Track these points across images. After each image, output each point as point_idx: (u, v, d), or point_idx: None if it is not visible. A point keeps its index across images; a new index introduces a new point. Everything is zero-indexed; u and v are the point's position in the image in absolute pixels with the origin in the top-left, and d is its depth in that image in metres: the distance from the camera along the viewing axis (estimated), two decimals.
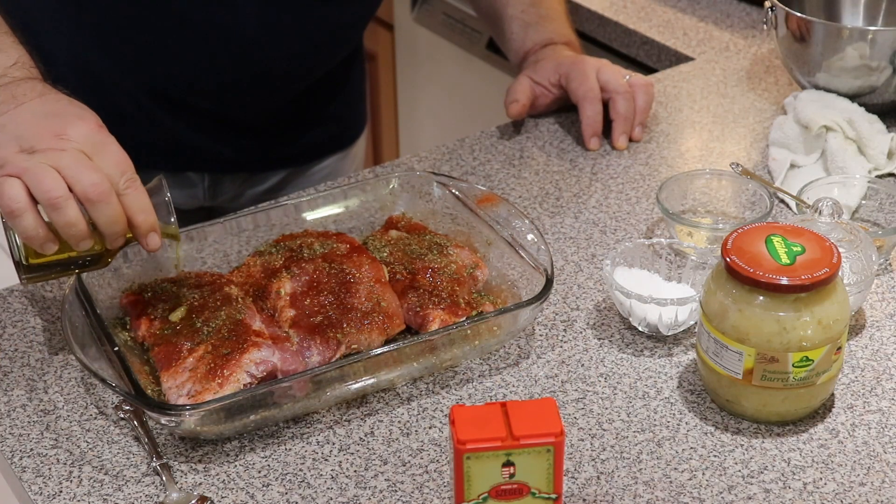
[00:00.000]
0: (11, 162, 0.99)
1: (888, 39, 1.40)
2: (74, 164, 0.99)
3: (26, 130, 1.01)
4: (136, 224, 1.02)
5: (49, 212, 0.98)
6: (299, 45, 1.37)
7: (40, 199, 0.98)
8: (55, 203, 0.98)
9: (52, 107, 1.04)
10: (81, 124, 1.02)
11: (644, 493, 0.97)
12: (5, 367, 1.10)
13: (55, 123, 1.02)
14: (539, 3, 1.52)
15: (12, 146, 1.00)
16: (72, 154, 0.99)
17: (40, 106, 1.04)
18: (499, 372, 1.09)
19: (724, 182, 1.31)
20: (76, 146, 1.00)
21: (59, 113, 1.03)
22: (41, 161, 0.99)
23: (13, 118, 1.02)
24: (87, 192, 0.98)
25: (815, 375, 1.00)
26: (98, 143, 1.01)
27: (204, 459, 1.00)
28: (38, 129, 1.01)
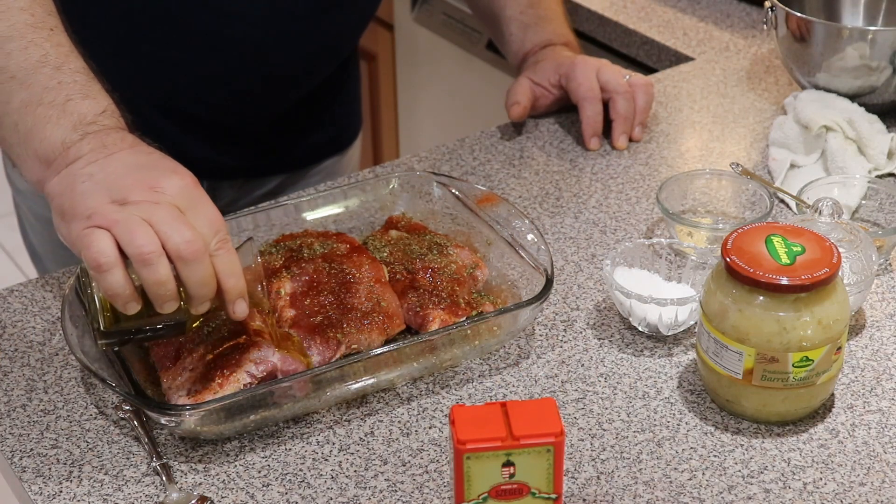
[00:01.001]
0: (101, 213, 0.93)
1: (888, 39, 1.40)
2: (168, 219, 0.93)
3: (118, 181, 0.95)
4: (226, 288, 0.96)
5: (139, 268, 0.92)
6: (303, 51, 1.37)
7: (131, 253, 0.92)
8: (148, 259, 0.91)
9: (144, 159, 0.98)
10: (176, 178, 0.96)
11: (644, 493, 0.97)
12: (5, 367, 1.10)
13: (149, 176, 0.96)
14: (537, 4, 1.52)
15: (102, 196, 0.94)
16: (165, 208, 0.93)
17: (132, 157, 0.98)
18: (499, 372, 1.09)
19: (724, 182, 1.31)
20: (170, 200, 0.94)
21: (152, 166, 0.98)
22: (133, 213, 0.93)
23: (103, 168, 0.96)
24: (179, 249, 0.92)
25: (815, 375, 1.00)
26: (192, 198, 0.96)
27: (204, 459, 1.00)
28: (131, 181, 0.95)
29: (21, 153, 1.00)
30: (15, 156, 1.01)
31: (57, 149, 0.98)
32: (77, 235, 0.94)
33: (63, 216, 0.96)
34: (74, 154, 0.97)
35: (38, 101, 0.99)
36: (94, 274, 0.93)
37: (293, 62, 1.38)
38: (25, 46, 1.01)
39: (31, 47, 1.01)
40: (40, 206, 1.46)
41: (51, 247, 1.49)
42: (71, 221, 0.95)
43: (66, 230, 0.96)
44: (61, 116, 0.99)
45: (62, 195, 0.96)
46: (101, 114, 1.01)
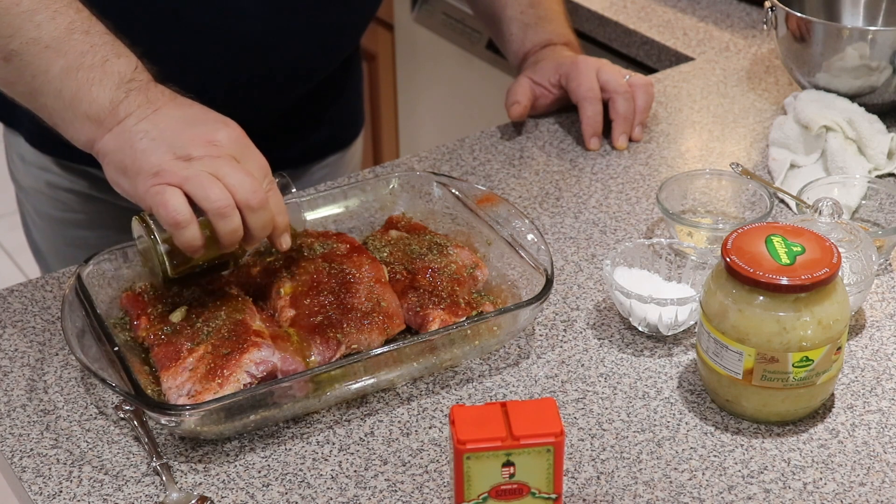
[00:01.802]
0: (170, 170, 1.00)
1: (888, 39, 1.40)
2: (233, 172, 1.00)
3: (176, 137, 1.02)
4: (275, 224, 1.04)
5: (216, 220, 1.00)
6: (305, 47, 1.37)
7: (207, 207, 0.99)
8: (224, 212, 0.99)
9: (191, 112, 1.05)
10: (228, 130, 1.03)
11: (644, 493, 0.97)
12: (5, 367, 1.10)
13: (204, 130, 1.03)
14: (538, 4, 1.52)
15: (166, 153, 1.01)
16: (227, 161, 1.01)
17: (179, 111, 1.05)
18: (499, 372, 1.09)
19: (724, 182, 1.31)
20: (227, 152, 1.01)
21: (202, 119, 1.04)
22: (201, 169, 0.99)
23: (155, 123, 1.03)
24: (249, 200, 1.00)
25: (815, 375, 1.00)
26: (244, 147, 1.03)
27: (204, 459, 1.00)
28: (189, 136, 1.02)
29: (67, 117, 1.05)
30: (60, 120, 1.06)
31: (105, 108, 1.03)
32: (145, 191, 1.00)
33: (125, 172, 1.02)
34: (124, 111, 1.03)
35: (78, 65, 1.04)
36: (172, 230, 1.00)
37: (295, 59, 1.38)
38: (52, 16, 1.05)
39: (58, 16, 1.05)
40: (44, 203, 1.46)
41: (54, 244, 1.49)
42: (136, 177, 1.01)
43: (130, 185, 1.02)
44: (103, 77, 1.04)
45: (120, 151, 1.02)
46: (136, 70, 1.06)
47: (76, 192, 1.43)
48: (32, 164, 1.44)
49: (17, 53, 1.04)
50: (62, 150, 1.41)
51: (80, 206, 1.44)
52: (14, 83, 1.07)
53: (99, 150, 1.04)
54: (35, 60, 1.04)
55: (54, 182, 1.43)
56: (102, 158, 1.04)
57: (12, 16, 1.04)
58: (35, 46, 1.04)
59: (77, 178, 1.43)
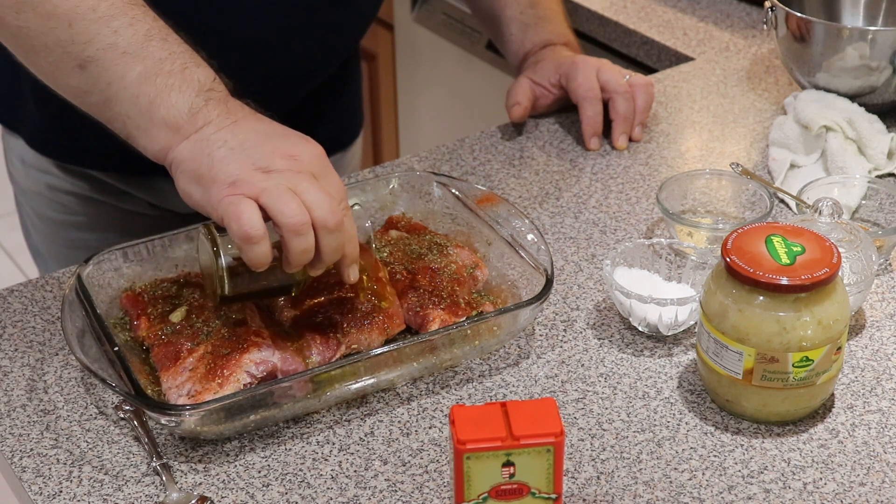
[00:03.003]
0: (247, 180, 0.96)
1: (888, 39, 1.40)
2: (312, 189, 0.96)
3: (257, 148, 0.98)
4: (345, 253, 1.00)
5: (290, 237, 0.95)
6: (306, 48, 1.37)
7: (282, 223, 0.95)
8: (300, 230, 0.95)
9: (270, 127, 1.02)
10: (310, 146, 1.00)
11: (644, 493, 0.97)
12: (5, 367, 1.10)
13: (285, 144, 0.99)
14: (537, 5, 1.52)
15: (245, 163, 0.97)
16: (307, 177, 0.97)
17: (259, 125, 1.01)
18: (499, 372, 1.09)
19: (724, 182, 1.31)
20: (307, 168, 0.98)
21: (283, 134, 1.01)
22: (280, 182, 0.96)
23: (235, 134, 0.99)
24: (326, 219, 0.96)
25: (815, 375, 1.00)
26: (324, 166, 1.00)
27: (204, 459, 1.00)
28: (270, 148, 0.98)
29: (143, 124, 1.01)
30: (134, 127, 1.02)
31: (184, 114, 1.00)
32: (219, 200, 0.96)
33: (199, 180, 0.98)
34: (203, 120, 1.00)
35: (157, 71, 1.01)
36: (241, 244, 0.95)
37: (295, 59, 1.38)
38: (130, 23, 1.03)
39: (136, 23, 1.03)
40: (43, 205, 1.46)
41: (54, 246, 1.49)
42: (210, 186, 0.97)
43: (203, 194, 0.98)
44: (182, 84, 1.01)
45: (196, 159, 0.98)
46: (214, 80, 1.04)
47: (76, 195, 1.43)
48: (32, 166, 1.44)
49: (93, 60, 1.01)
50: (62, 153, 1.41)
51: (81, 208, 1.44)
52: (88, 92, 1.03)
53: (173, 159, 1.00)
54: (112, 66, 1.01)
55: (54, 184, 1.43)
56: (176, 167, 1.00)
57: (89, 21, 1.01)
58: (112, 52, 1.01)
59: (77, 181, 1.42)
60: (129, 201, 1.44)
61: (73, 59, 1.02)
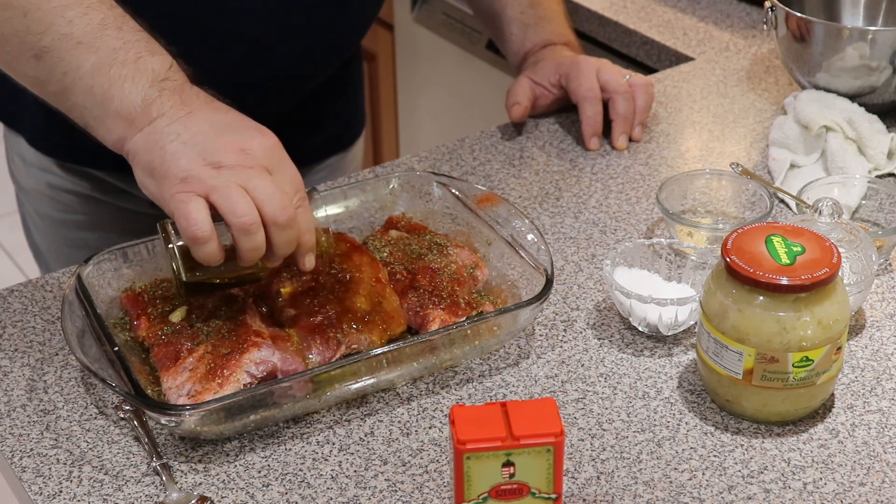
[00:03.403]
0: (198, 177, 0.96)
1: (888, 39, 1.40)
2: (263, 185, 0.96)
3: (208, 142, 0.97)
4: (300, 243, 1.00)
5: (239, 235, 0.95)
6: (308, 46, 1.37)
7: (232, 222, 0.95)
8: (249, 229, 0.95)
9: (225, 118, 1.01)
10: (263, 139, 0.99)
11: (644, 493, 0.97)
12: (5, 367, 1.10)
13: (237, 137, 0.99)
14: (538, 4, 1.52)
15: (195, 158, 0.96)
16: (258, 173, 0.96)
17: (214, 115, 1.01)
18: (499, 372, 1.09)
19: (724, 182, 1.31)
20: (259, 162, 0.97)
21: (237, 126, 1.00)
22: (230, 179, 0.95)
23: (188, 127, 0.99)
24: (276, 216, 0.96)
25: (815, 375, 1.00)
26: (278, 159, 0.99)
27: (204, 459, 1.00)
28: (222, 143, 0.98)
29: (99, 114, 1.01)
30: (91, 118, 1.02)
31: (138, 106, 1.00)
32: (170, 196, 0.96)
33: (152, 174, 0.98)
34: (157, 111, 1.00)
35: (111, 61, 1.01)
36: (190, 243, 0.96)
37: (297, 59, 1.38)
38: (85, 12, 1.02)
39: (91, 12, 1.03)
40: (44, 204, 1.46)
41: (55, 245, 1.49)
42: (162, 180, 0.97)
43: (156, 188, 0.98)
44: (136, 74, 1.01)
45: (149, 152, 0.98)
46: (170, 69, 1.03)
47: (77, 194, 1.43)
48: (33, 165, 1.44)
49: (48, 50, 1.01)
50: (63, 152, 1.41)
51: (81, 207, 1.44)
52: (45, 82, 1.03)
53: (129, 150, 1.01)
54: (66, 57, 1.01)
55: (55, 183, 1.43)
56: (132, 158, 1.01)
57: (44, 11, 1.01)
58: (67, 42, 1.01)
59: (78, 180, 1.42)
60: (130, 200, 1.44)
61: (29, 49, 1.02)
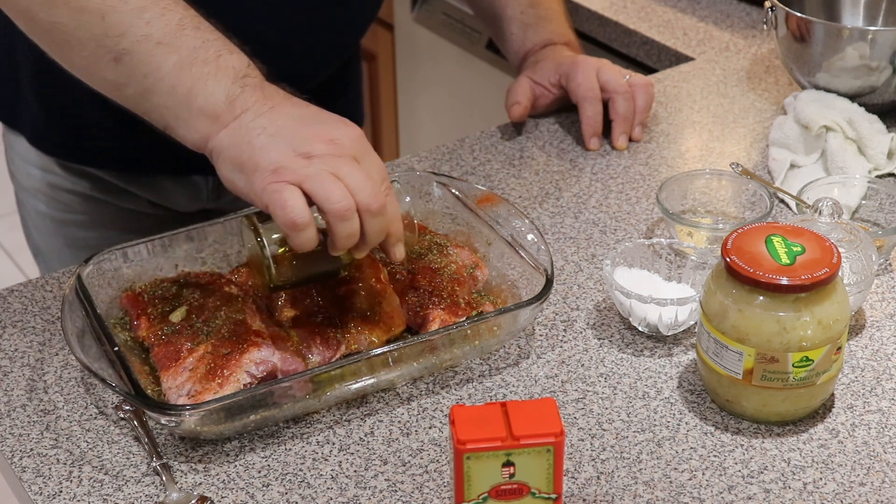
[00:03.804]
0: (290, 167, 0.96)
1: (888, 39, 1.40)
2: (354, 173, 0.96)
3: (296, 134, 0.98)
4: (390, 233, 1.00)
5: (335, 222, 0.96)
6: (308, 46, 1.37)
7: (328, 208, 0.95)
8: (345, 215, 0.95)
9: (307, 111, 1.02)
10: (348, 129, 1.00)
11: (644, 493, 0.97)
12: (5, 367, 1.10)
13: (324, 128, 0.99)
14: (538, 4, 1.52)
15: (286, 150, 0.97)
16: (347, 161, 0.97)
17: (296, 109, 1.02)
18: (499, 372, 1.09)
19: (724, 182, 1.31)
20: (349, 152, 0.98)
21: (320, 118, 1.01)
22: (322, 168, 0.96)
23: (273, 121, 0.99)
24: (369, 203, 0.96)
25: (815, 375, 1.00)
26: (364, 148, 1.00)
27: (204, 459, 1.00)
28: (309, 133, 0.98)
29: (181, 114, 1.02)
30: (172, 118, 1.02)
31: (222, 103, 1.00)
32: (262, 188, 0.96)
33: (241, 168, 0.98)
34: (241, 107, 1.00)
35: (192, 60, 1.01)
36: (288, 231, 0.96)
37: (296, 59, 1.38)
38: (162, 13, 1.03)
39: (168, 13, 1.03)
40: (44, 204, 1.46)
41: (55, 245, 1.49)
42: (252, 174, 0.97)
43: (246, 182, 0.98)
44: (218, 71, 1.01)
45: (237, 147, 0.99)
46: (248, 66, 1.03)
47: (77, 193, 1.43)
48: (33, 164, 1.44)
49: (128, 52, 1.01)
50: (63, 151, 1.41)
51: (81, 206, 1.44)
52: (125, 85, 1.03)
53: (213, 148, 1.01)
54: (147, 58, 1.01)
55: (55, 183, 1.43)
56: (217, 156, 1.01)
57: (121, 14, 1.01)
58: (147, 44, 1.01)
59: (78, 179, 1.42)
60: (130, 200, 1.44)
61: (107, 53, 1.02)
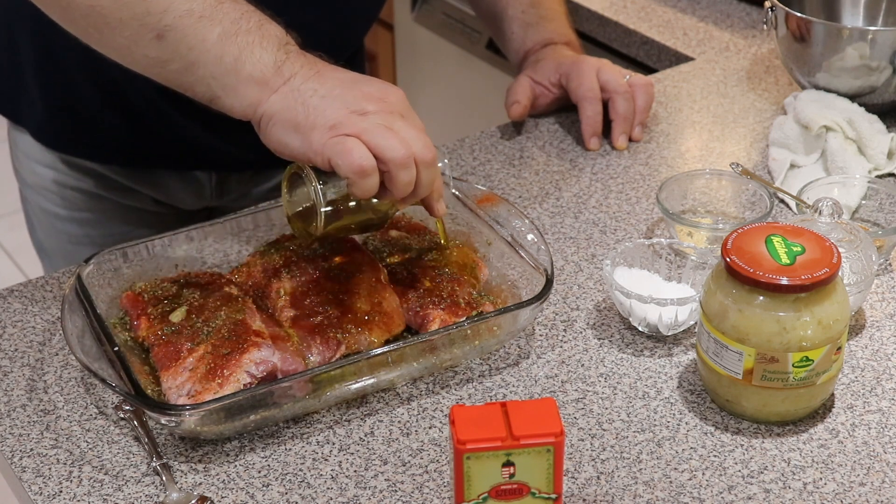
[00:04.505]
0: (346, 123, 1.01)
1: (888, 39, 1.40)
2: (406, 128, 1.02)
3: (347, 93, 1.03)
4: (435, 187, 1.06)
5: (397, 170, 1.01)
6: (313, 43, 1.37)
7: (388, 157, 1.00)
8: (406, 163, 1.01)
9: (351, 74, 1.07)
10: (393, 90, 1.05)
11: (644, 493, 0.97)
12: (5, 367, 1.10)
13: (372, 88, 1.05)
14: (539, 4, 1.52)
15: (340, 108, 1.02)
16: (398, 117, 1.03)
17: (341, 73, 1.06)
18: (499, 372, 1.09)
19: (724, 182, 1.31)
20: (398, 109, 1.03)
21: (366, 80, 1.06)
22: (378, 122, 1.01)
23: (322, 83, 1.04)
24: (423, 155, 1.02)
25: (815, 375, 1.00)
26: (407, 107, 1.05)
27: (204, 459, 1.00)
28: (361, 93, 1.04)
29: (229, 82, 1.05)
30: (220, 87, 1.05)
31: (270, 69, 1.04)
32: (323, 144, 1.01)
33: (297, 128, 1.03)
34: (289, 71, 1.05)
35: (236, 31, 1.04)
36: (355, 177, 1.00)
37: None
38: None
39: None
40: (48, 201, 1.46)
41: (58, 242, 1.49)
42: (310, 132, 1.02)
43: (303, 142, 1.03)
44: (263, 40, 1.05)
45: (292, 109, 1.03)
46: (287, 34, 1.07)
47: (81, 191, 1.43)
48: (38, 161, 1.44)
49: (171, 28, 1.03)
50: (66, 146, 1.41)
51: (85, 204, 1.45)
52: (168, 61, 1.05)
53: (265, 112, 1.04)
54: (192, 32, 1.04)
55: (59, 180, 1.43)
56: (268, 120, 1.04)
57: None
58: (189, 18, 1.03)
59: (82, 177, 1.43)
60: (134, 197, 1.44)
61: (150, 31, 1.04)
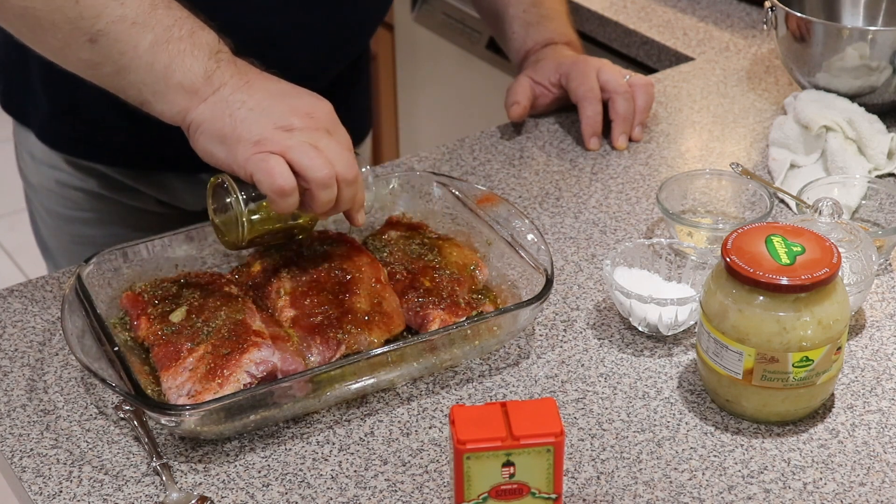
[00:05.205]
0: (271, 139, 1.02)
1: (888, 39, 1.40)
2: (331, 145, 1.03)
3: (275, 108, 1.04)
4: (357, 199, 1.07)
5: (318, 190, 1.02)
6: (318, 44, 1.37)
7: (311, 177, 1.01)
8: (328, 183, 1.02)
9: (281, 85, 1.07)
10: (321, 104, 1.07)
11: (644, 493, 0.97)
12: (5, 367, 1.10)
13: (300, 102, 1.05)
14: (540, 3, 1.52)
15: (266, 123, 1.03)
16: (323, 134, 1.03)
17: (271, 84, 1.07)
18: (499, 372, 1.09)
19: (724, 182, 1.31)
20: (324, 125, 1.04)
21: (295, 93, 1.07)
22: (303, 140, 1.02)
23: (251, 94, 1.04)
24: (345, 173, 1.03)
25: (815, 375, 1.00)
26: (334, 122, 1.06)
27: (204, 459, 1.00)
28: (288, 107, 1.04)
29: (159, 89, 1.06)
30: (150, 93, 1.06)
31: (200, 78, 1.05)
32: (247, 159, 1.02)
33: (223, 140, 1.04)
34: (218, 81, 1.06)
35: (167, 38, 1.05)
36: (275, 197, 1.01)
37: (307, 55, 1.38)
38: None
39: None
40: (52, 201, 1.46)
41: (62, 242, 1.49)
42: (235, 145, 1.03)
43: (227, 154, 1.04)
44: (193, 48, 1.06)
45: (218, 119, 1.04)
46: (220, 42, 1.08)
47: (85, 191, 1.44)
48: (42, 161, 1.44)
49: (104, 33, 1.04)
50: (71, 147, 1.41)
51: (89, 204, 1.45)
52: (100, 64, 1.06)
53: (192, 120, 1.05)
54: (124, 37, 1.04)
55: (64, 180, 1.44)
56: (196, 128, 1.05)
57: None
58: (122, 24, 1.04)
59: (86, 177, 1.43)
60: (138, 198, 1.44)
61: (83, 35, 1.04)
